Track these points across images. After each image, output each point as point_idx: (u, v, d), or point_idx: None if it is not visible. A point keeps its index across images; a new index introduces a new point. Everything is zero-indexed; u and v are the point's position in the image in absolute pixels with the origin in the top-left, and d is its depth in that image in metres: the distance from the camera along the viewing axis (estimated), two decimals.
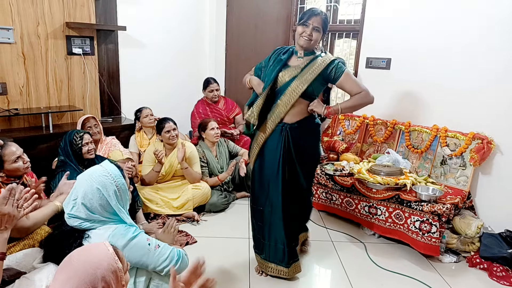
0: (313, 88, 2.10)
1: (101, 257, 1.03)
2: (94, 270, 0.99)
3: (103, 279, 0.99)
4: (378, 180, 2.65)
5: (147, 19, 3.90)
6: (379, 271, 2.45)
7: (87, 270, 0.99)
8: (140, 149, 3.45)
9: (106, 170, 1.56)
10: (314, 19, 2.04)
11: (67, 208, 1.53)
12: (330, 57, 2.10)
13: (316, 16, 2.04)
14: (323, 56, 2.10)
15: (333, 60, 2.08)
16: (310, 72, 2.07)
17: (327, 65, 2.06)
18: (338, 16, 3.63)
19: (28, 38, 3.13)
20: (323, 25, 2.06)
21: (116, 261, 1.04)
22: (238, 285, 2.24)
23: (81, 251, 1.05)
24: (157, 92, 4.08)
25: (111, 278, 1.01)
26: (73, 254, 1.04)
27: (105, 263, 1.02)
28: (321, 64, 2.06)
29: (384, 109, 3.26)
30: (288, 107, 2.11)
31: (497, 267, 2.41)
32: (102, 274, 1.00)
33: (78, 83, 3.50)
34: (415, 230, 2.54)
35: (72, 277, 0.98)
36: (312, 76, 2.06)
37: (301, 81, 2.07)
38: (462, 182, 2.80)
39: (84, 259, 1.02)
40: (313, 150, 2.27)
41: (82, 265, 1.00)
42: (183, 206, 3.00)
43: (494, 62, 2.67)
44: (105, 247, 1.07)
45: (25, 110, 3.16)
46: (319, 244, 2.73)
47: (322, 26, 2.06)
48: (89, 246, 1.09)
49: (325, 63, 2.06)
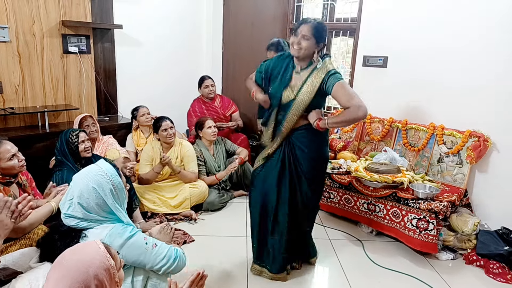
0: (316, 102, 2.06)
1: (93, 255, 1.03)
2: (86, 268, 0.99)
3: (95, 277, 0.99)
4: (375, 178, 2.65)
5: (144, 17, 3.89)
6: (377, 268, 2.45)
7: (79, 269, 0.98)
8: (137, 148, 3.44)
9: (102, 169, 1.55)
10: (303, 28, 1.99)
11: (63, 208, 1.52)
12: (325, 69, 2.01)
13: (305, 24, 2.00)
14: (318, 69, 2.02)
15: (327, 72, 2.00)
16: (309, 90, 2.02)
17: (322, 79, 2.00)
18: (335, 15, 3.63)
19: (24, 37, 3.11)
20: (313, 32, 1.98)
21: (108, 258, 1.04)
22: (236, 283, 2.24)
23: (72, 250, 1.05)
24: (154, 91, 4.07)
25: (104, 276, 1.01)
26: (65, 254, 1.04)
27: (97, 261, 1.01)
28: (318, 79, 2.00)
29: (381, 107, 3.27)
30: (292, 123, 2.10)
31: (494, 264, 2.43)
32: (95, 272, 0.99)
33: (75, 82, 3.48)
34: (412, 228, 2.54)
35: (65, 276, 0.97)
36: (311, 95, 2.01)
37: (302, 99, 2.03)
38: (459, 180, 2.81)
39: (76, 258, 1.02)
40: (316, 153, 2.17)
41: (74, 264, 1.00)
42: (181, 205, 3.00)
43: (491, 60, 2.68)
44: (96, 245, 1.06)
45: (21, 109, 3.15)
46: (317, 242, 2.72)
47: (312, 34, 1.98)
48: (80, 245, 1.08)
49: (321, 78, 2.00)
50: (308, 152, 2.13)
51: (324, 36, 2.03)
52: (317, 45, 2.02)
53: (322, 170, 2.26)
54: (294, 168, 2.16)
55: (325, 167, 2.28)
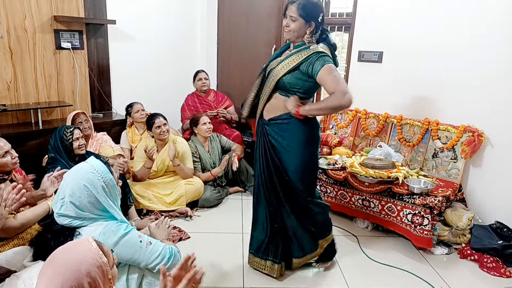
0: (291, 80, 1.96)
1: (85, 253, 1.02)
2: (78, 266, 0.98)
3: (88, 274, 0.98)
4: (370, 174, 2.66)
5: (137, 12, 3.85)
6: (372, 263, 2.47)
7: (71, 267, 0.97)
8: (132, 144, 3.42)
9: (92, 166, 1.53)
10: (290, 8, 1.91)
11: (55, 207, 1.50)
12: (316, 49, 1.90)
13: (291, 4, 1.90)
14: (311, 48, 1.92)
15: (317, 52, 1.88)
16: (292, 59, 1.95)
17: (309, 55, 1.89)
18: (330, 9, 3.61)
19: (15, 32, 3.07)
20: (300, 13, 1.88)
21: (100, 255, 1.03)
22: (232, 280, 2.24)
23: (64, 248, 1.04)
24: (148, 87, 4.04)
25: (97, 273, 1.00)
26: (57, 252, 1.03)
27: (89, 258, 1.01)
28: (304, 54, 1.91)
29: (376, 103, 3.27)
30: (266, 96, 2.05)
31: (488, 258, 2.45)
32: (87, 270, 0.98)
33: (68, 78, 3.45)
34: (408, 222, 2.56)
35: (57, 275, 0.96)
36: (292, 63, 1.92)
37: (282, 66, 1.96)
38: (454, 175, 2.82)
39: (68, 256, 1.01)
40: (291, 153, 2.04)
41: (65, 262, 0.99)
42: (176, 202, 2.99)
43: (486, 56, 2.68)
44: (88, 243, 1.05)
45: (13, 106, 3.11)
46: None
47: (299, 14, 1.88)
48: (72, 243, 1.07)
49: (308, 54, 1.89)
50: (286, 148, 2.04)
51: (314, 15, 1.92)
52: (308, 24, 1.92)
53: (302, 169, 2.08)
54: (271, 161, 2.09)
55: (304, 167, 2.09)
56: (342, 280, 2.28)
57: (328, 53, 1.92)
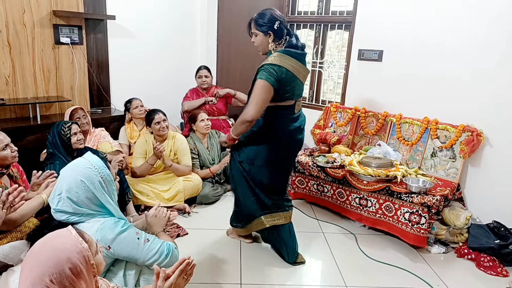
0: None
1: (64, 240, 1.01)
2: (57, 253, 0.97)
3: (68, 260, 0.97)
4: (369, 172, 2.66)
5: (137, 8, 3.83)
6: (369, 262, 2.47)
7: (50, 255, 0.97)
8: (130, 140, 3.41)
9: (89, 162, 1.52)
10: (251, 27, 2.08)
11: (52, 203, 1.49)
12: (266, 61, 2.02)
13: (250, 22, 2.07)
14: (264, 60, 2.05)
15: (263, 64, 2.00)
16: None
17: (259, 67, 2.02)
18: (331, 7, 3.60)
19: (14, 26, 3.05)
20: (256, 28, 2.04)
21: (80, 241, 1.02)
22: (229, 276, 2.24)
23: (44, 238, 1.03)
24: (147, 83, 4.03)
25: (78, 258, 0.99)
26: (37, 243, 1.02)
27: (68, 245, 1.00)
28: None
29: (375, 101, 3.27)
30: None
31: (485, 257, 2.46)
32: (67, 256, 0.97)
33: (67, 73, 3.43)
34: (405, 221, 2.56)
35: (36, 264, 0.96)
36: (252, 81, 2.06)
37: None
38: (452, 174, 2.82)
39: (47, 245, 1.00)
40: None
41: (44, 251, 0.98)
42: (174, 198, 2.99)
43: (486, 55, 2.68)
44: (67, 231, 1.05)
45: (11, 100, 3.10)
46: (310, 235, 2.74)
47: (256, 29, 2.05)
48: (52, 233, 1.06)
49: (260, 65, 2.02)
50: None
51: (267, 24, 2.02)
52: (267, 35, 2.04)
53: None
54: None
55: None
56: (339, 278, 2.29)
57: (277, 62, 1.98)
